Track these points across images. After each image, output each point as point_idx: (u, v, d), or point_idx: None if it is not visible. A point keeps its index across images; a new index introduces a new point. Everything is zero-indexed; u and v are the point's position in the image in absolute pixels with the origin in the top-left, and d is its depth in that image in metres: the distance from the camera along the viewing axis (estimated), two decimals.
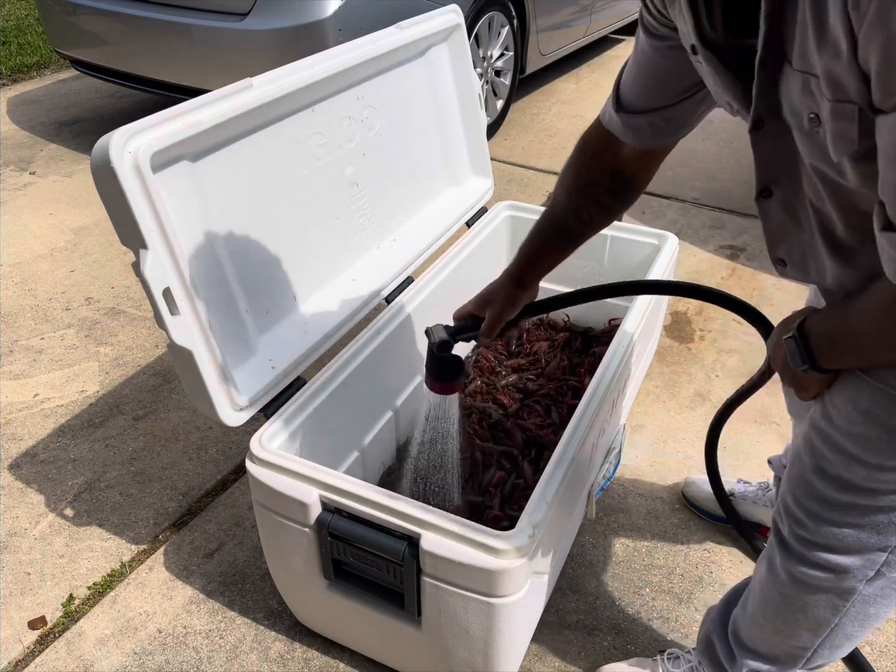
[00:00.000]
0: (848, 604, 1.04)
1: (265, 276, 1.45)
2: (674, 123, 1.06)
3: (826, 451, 0.96)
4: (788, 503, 1.04)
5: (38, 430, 2.09)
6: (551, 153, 3.81)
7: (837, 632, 1.10)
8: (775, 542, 1.08)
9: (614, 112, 1.09)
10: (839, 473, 0.95)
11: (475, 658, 1.27)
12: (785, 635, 1.15)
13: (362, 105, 1.65)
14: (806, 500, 1.00)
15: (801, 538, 1.03)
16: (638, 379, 2.03)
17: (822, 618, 1.08)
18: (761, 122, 0.81)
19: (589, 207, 1.20)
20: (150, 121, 1.15)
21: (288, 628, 1.56)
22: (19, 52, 5.13)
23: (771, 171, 0.87)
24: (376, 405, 1.71)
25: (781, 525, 1.06)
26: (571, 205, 1.21)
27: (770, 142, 0.83)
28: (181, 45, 3.26)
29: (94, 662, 1.51)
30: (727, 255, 2.90)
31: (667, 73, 1.00)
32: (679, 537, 1.77)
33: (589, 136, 1.19)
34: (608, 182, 1.17)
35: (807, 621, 1.10)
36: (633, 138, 1.10)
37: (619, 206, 1.22)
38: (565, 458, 1.29)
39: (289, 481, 1.25)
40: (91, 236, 3.07)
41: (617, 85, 1.08)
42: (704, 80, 0.91)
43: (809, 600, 1.07)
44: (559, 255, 1.29)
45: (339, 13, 2.95)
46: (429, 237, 1.86)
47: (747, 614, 1.20)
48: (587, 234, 1.25)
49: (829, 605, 1.06)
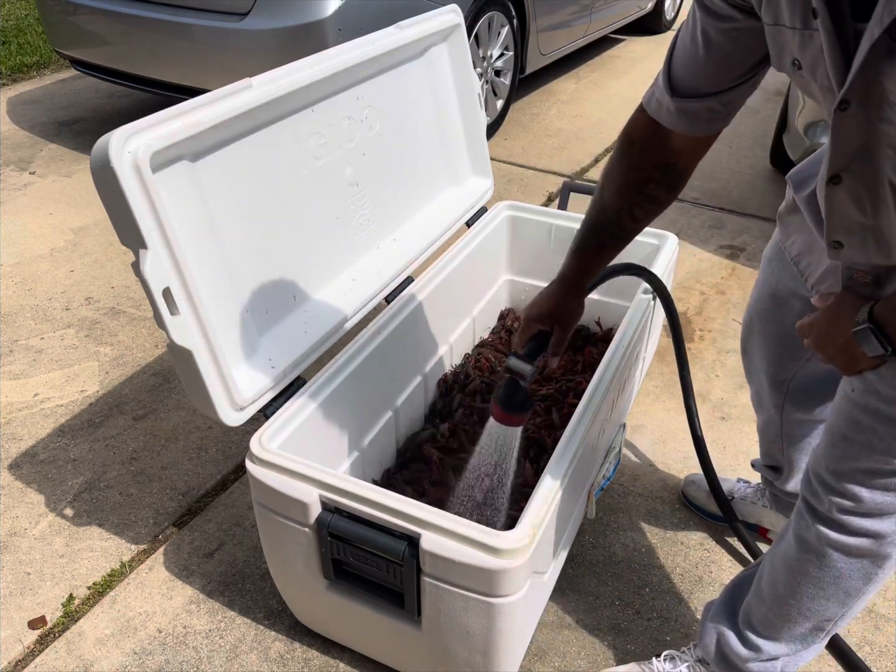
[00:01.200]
0: (881, 570, 1.09)
1: (265, 276, 1.45)
2: (729, 107, 1.05)
3: (877, 424, 0.97)
4: (827, 479, 1.06)
5: (38, 430, 2.09)
6: (551, 153, 3.81)
7: (863, 599, 1.14)
8: (809, 518, 1.10)
9: (669, 98, 1.05)
10: (889, 446, 0.97)
11: (475, 658, 1.27)
12: (812, 612, 1.17)
13: (362, 105, 1.65)
14: (850, 473, 1.03)
15: (842, 509, 1.05)
16: (638, 379, 2.03)
17: (854, 588, 1.11)
18: (846, 104, 0.81)
19: (644, 205, 1.17)
20: (149, 121, 1.15)
21: (288, 628, 1.56)
22: (19, 52, 5.13)
23: (845, 156, 0.86)
24: (376, 405, 1.71)
25: (818, 502, 1.08)
26: (625, 204, 1.17)
27: (852, 125, 0.83)
28: (181, 45, 3.26)
29: (94, 662, 1.51)
30: (727, 254, 2.90)
31: (732, 54, 0.98)
32: (679, 537, 1.77)
33: (633, 130, 1.14)
34: (661, 176, 1.14)
35: (838, 593, 1.13)
36: (686, 125, 1.06)
37: (671, 197, 1.18)
38: (565, 458, 1.29)
39: (289, 481, 1.25)
40: (91, 236, 3.07)
41: (668, 70, 1.05)
42: (782, 54, 0.90)
43: (845, 570, 1.10)
44: (613, 255, 1.26)
45: (339, 13, 2.95)
46: (429, 237, 1.86)
47: (766, 599, 1.22)
48: (641, 229, 1.22)
49: (862, 573, 1.09)
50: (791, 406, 1.41)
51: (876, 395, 0.96)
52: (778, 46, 0.90)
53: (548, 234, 2.13)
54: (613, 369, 1.51)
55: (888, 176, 0.85)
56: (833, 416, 1.06)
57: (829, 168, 0.88)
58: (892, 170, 0.84)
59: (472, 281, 2.06)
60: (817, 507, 1.09)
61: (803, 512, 1.12)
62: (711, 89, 1.02)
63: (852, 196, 0.89)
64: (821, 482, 1.08)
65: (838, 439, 1.04)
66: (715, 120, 1.06)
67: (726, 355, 2.36)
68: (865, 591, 1.13)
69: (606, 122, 4.18)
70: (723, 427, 2.07)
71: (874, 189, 0.87)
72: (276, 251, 1.47)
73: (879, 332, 0.89)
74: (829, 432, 1.06)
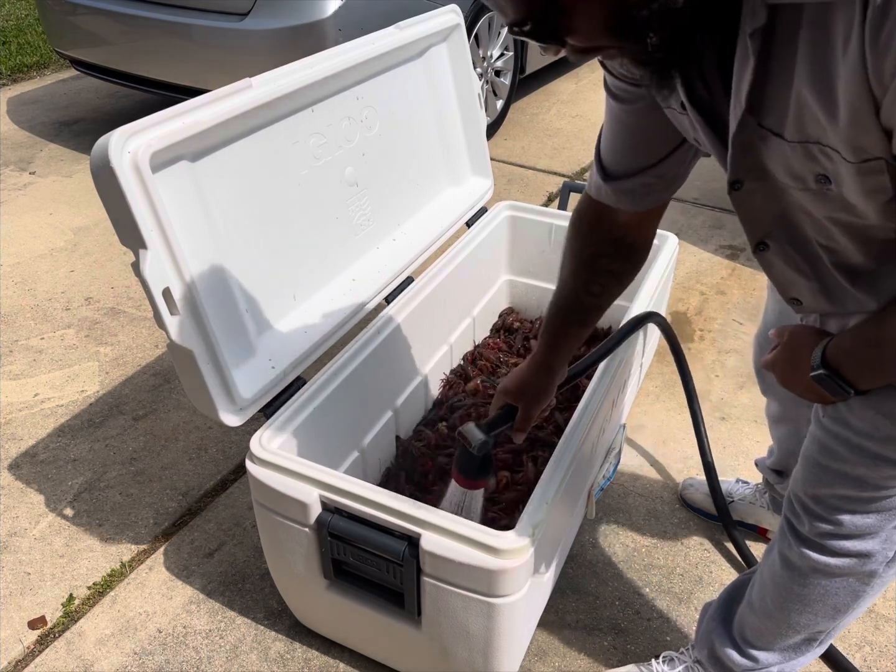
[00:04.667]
0: (869, 587, 1.06)
1: (265, 276, 1.45)
2: (666, 178, 1.05)
3: (847, 454, 0.95)
4: (806, 502, 1.04)
5: (38, 430, 2.09)
6: (551, 153, 3.81)
7: (855, 612, 1.12)
8: (792, 539, 1.09)
9: (603, 183, 1.07)
10: (863, 474, 0.95)
11: (475, 658, 1.27)
12: (801, 626, 1.16)
13: (362, 105, 1.65)
14: (827, 498, 1.01)
15: (822, 533, 1.03)
16: (638, 379, 2.03)
17: (843, 604, 1.10)
18: (739, 184, 0.83)
19: (599, 279, 1.18)
20: (149, 121, 1.15)
21: (288, 628, 1.56)
22: (19, 52, 5.13)
23: (761, 226, 0.88)
24: (376, 405, 1.71)
25: (799, 523, 1.07)
26: (580, 282, 1.19)
27: (755, 200, 0.84)
28: (181, 45, 3.26)
29: (94, 662, 1.51)
30: (727, 255, 2.90)
31: (647, 131, 0.99)
32: (679, 537, 1.77)
33: (581, 212, 1.17)
34: (613, 250, 1.15)
35: (826, 609, 1.11)
36: (628, 203, 1.08)
37: (630, 267, 1.19)
38: (565, 458, 1.29)
39: (289, 481, 1.25)
40: (91, 236, 3.07)
41: (598, 156, 1.07)
42: (685, 133, 0.92)
43: (831, 588, 1.08)
44: (582, 332, 1.26)
45: (339, 13, 2.95)
46: (429, 237, 1.86)
47: (756, 611, 1.21)
48: (604, 304, 1.22)
49: (849, 590, 1.07)
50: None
51: (845, 425, 0.94)
52: (679, 125, 0.92)
53: (548, 234, 2.13)
54: (613, 370, 1.51)
55: (813, 237, 0.85)
56: (808, 439, 1.04)
57: (749, 238, 0.90)
58: (813, 230, 0.84)
59: (472, 281, 2.06)
60: (799, 529, 1.07)
61: (786, 531, 1.10)
62: (639, 166, 1.03)
63: (785, 260, 0.90)
64: (801, 504, 1.06)
65: (812, 464, 1.02)
66: (654, 192, 1.07)
67: (726, 355, 2.36)
68: (855, 605, 1.10)
69: None
70: (723, 427, 2.07)
71: (805, 250, 0.88)
72: (276, 251, 1.47)
73: (837, 377, 0.90)
74: (804, 455, 1.04)
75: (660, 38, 0.69)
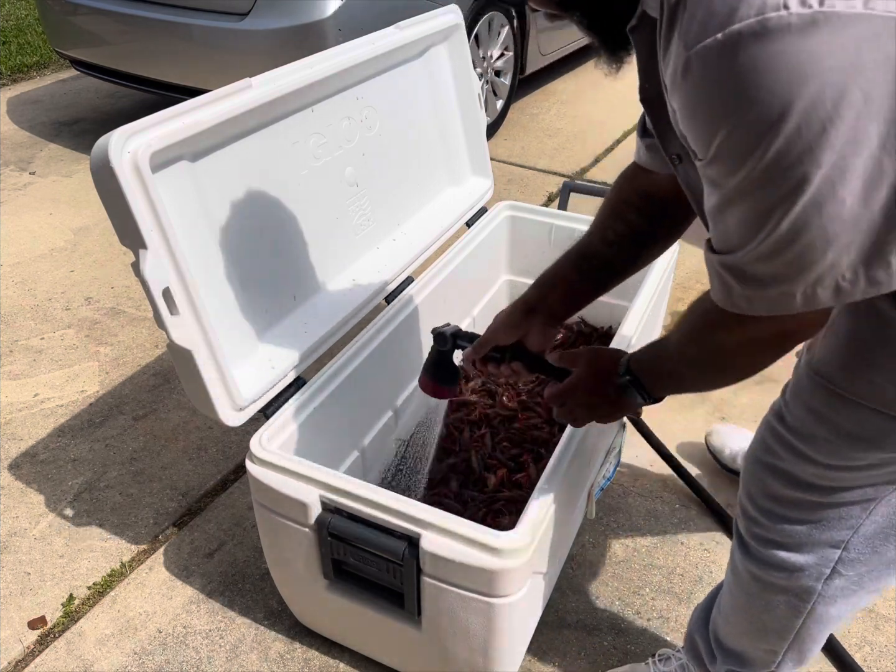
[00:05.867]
0: (808, 605, 1.04)
1: (264, 276, 1.45)
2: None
3: (778, 449, 0.96)
4: (744, 501, 1.05)
5: (38, 430, 2.09)
6: (551, 153, 3.81)
7: (803, 635, 1.09)
8: (735, 541, 1.09)
9: (639, 138, 1.09)
10: (789, 470, 0.96)
11: (475, 658, 1.27)
12: (753, 636, 1.15)
13: (362, 105, 1.65)
14: (759, 497, 1.01)
15: (756, 536, 1.04)
16: None
17: (785, 619, 1.08)
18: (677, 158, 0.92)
19: (615, 226, 1.16)
20: (149, 121, 1.15)
21: (288, 628, 1.56)
22: (19, 52, 5.13)
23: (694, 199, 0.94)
24: (376, 405, 1.71)
25: (739, 523, 1.07)
26: (597, 226, 1.19)
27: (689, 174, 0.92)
28: (181, 45, 3.26)
29: (94, 662, 1.51)
30: None
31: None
32: (679, 537, 1.77)
33: (624, 169, 1.19)
34: (638, 200, 1.15)
35: (771, 621, 1.10)
36: (655, 162, 1.08)
37: (650, 230, 1.16)
38: (565, 458, 1.29)
39: (289, 481, 1.25)
40: (91, 236, 3.07)
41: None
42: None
43: (771, 601, 1.07)
44: (575, 285, 1.21)
45: (339, 13, 2.95)
46: (429, 237, 1.86)
47: (721, 613, 1.21)
48: (613, 261, 1.19)
49: (789, 605, 1.06)
50: None
51: (781, 421, 0.96)
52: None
53: (548, 234, 2.13)
54: None
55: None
56: (752, 439, 1.05)
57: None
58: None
59: (472, 281, 2.06)
60: (741, 532, 1.07)
61: (734, 533, 1.10)
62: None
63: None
64: (741, 507, 1.06)
65: (752, 461, 1.02)
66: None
67: None
68: (804, 625, 1.07)
69: (606, 122, 4.18)
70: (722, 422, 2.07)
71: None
72: (276, 251, 1.47)
73: (639, 384, 1.02)
74: (747, 455, 1.06)
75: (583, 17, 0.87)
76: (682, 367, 0.99)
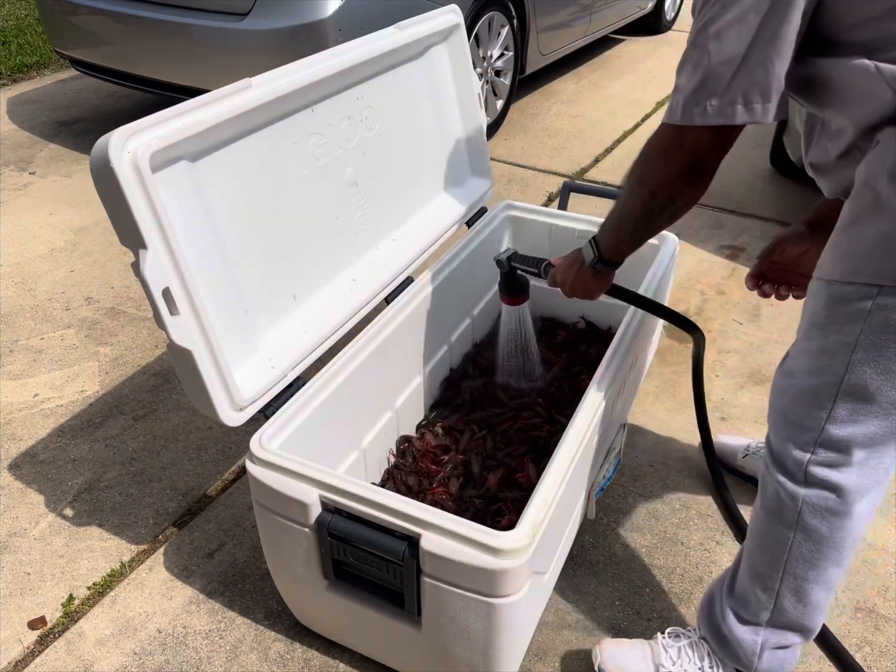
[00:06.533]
0: (792, 534, 1.16)
1: (265, 276, 1.45)
2: None
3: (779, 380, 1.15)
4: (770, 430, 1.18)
5: (38, 430, 2.09)
6: (551, 153, 3.81)
7: (793, 566, 1.19)
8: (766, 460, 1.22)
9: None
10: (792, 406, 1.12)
11: (475, 658, 1.27)
12: (756, 563, 1.24)
13: (362, 105, 1.65)
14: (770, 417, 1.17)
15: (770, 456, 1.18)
16: (638, 379, 2.03)
17: (774, 544, 1.19)
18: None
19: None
20: (149, 121, 1.15)
21: (288, 628, 1.56)
22: (19, 52, 5.13)
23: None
24: (376, 405, 1.71)
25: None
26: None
27: None
28: (181, 45, 3.26)
29: (94, 662, 1.51)
30: (727, 255, 2.90)
31: None
32: (679, 537, 1.77)
33: None
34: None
35: (769, 544, 1.21)
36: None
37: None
38: (565, 458, 1.29)
39: (289, 481, 1.25)
40: (91, 236, 3.07)
41: None
42: None
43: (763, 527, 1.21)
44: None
45: (339, 13, 2.95)
46: (429, 237, 1.86)
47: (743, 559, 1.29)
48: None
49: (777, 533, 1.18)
50: None
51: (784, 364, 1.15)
52: None
53: (548, 234, 2.13)
54: (613, 369, 1.51)
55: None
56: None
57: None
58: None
59: (472, 281, 2.06)
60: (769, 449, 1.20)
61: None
62: None
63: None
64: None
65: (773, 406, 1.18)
66: None
67: (726, 355, 2.36)
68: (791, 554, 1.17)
69: (606, 122, 4.18)
70: (723, 427, 2.07)
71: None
72: (276, 251, 1.47)
73: (596, 245, 1.32)
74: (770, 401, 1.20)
75: None
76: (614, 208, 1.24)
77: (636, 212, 1.18)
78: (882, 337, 0.98)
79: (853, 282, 0.98)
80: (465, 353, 2.14)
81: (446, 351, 2.01)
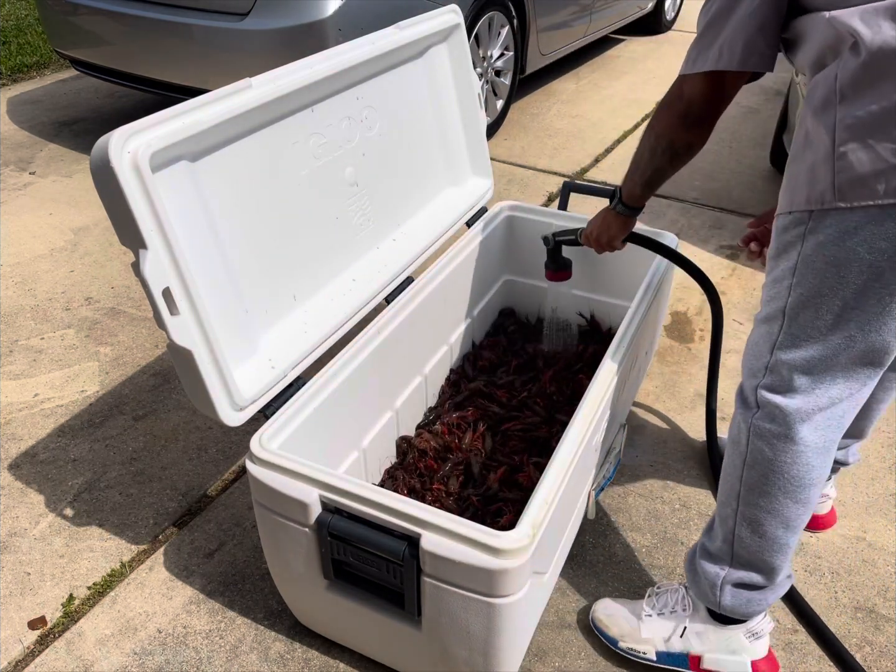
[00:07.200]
0: (735, 452, 1.25)
1: (265, 276, 1.45)
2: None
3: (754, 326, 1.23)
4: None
5: (38, 430, 2.09)
6: (551, 153, 3.81)
7: (746, 493, 1.25)
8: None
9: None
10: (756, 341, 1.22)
11: (475, 658, 1.27)
12: (720, 495, 1.32)
13: (362, 105, 1.65)
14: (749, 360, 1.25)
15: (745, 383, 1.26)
16: (638, 379, 2.03)
17: (735, 464, 1.26)
18: None
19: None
20: (149, 121, 1.15)
21: (288, 628, 1.56)
22: (19, 52, 5.13)
23: None
24: (376, 405, 1.71)
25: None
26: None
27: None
28: (181, 45, 3.26)
29: (94, 662, 1.51)
30: (727, 255, 2.90)
31: None
32: (679, 537, 1.77)
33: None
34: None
35: (727, 469, 1.29)
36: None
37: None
38: (565, 458, 1.29)
39: (289, 481, 1.25)
40: (91, 236, 3.07)
41: None
42: None
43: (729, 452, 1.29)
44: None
45: (339, 13, 2.95)
46: (429, 237, 1.86)
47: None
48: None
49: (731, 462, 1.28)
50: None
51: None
52: None
53: None
54: (613, 369, 1.51)
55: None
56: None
57: None
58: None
59: (472, 281, 2.06)
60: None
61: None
62: None
63: None
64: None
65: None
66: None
67: (726, 355, 2.35)
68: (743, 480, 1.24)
69: (606, 122, 4.18)
70: (723, 427, 2.07)
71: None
72: (276, 251, 1.47)
73: (619, 193, 1.48)
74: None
75: None
76: (636, 154, 1.37)
77: (644, 154, 1.34)
78: (812, 259, 1.07)
79: (791, 211, 1.10)
80: (465, 353, 2.14)
81: (446, 351, 2.01)
